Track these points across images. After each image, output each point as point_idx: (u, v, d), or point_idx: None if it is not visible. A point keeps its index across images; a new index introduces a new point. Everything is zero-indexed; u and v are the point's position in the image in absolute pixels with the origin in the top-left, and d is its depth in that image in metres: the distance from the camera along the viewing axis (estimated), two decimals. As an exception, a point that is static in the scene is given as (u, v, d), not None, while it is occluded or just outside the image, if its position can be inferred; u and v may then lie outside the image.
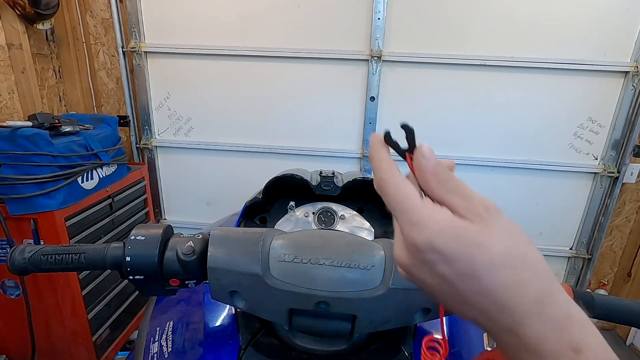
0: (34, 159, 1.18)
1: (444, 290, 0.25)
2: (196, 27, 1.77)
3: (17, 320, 1.37)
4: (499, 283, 0.23)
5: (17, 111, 1.57)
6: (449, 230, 0.24)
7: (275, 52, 1.74)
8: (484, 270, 0.23)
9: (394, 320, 0.44)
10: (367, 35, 1.69)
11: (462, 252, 0.24)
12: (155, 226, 0.47)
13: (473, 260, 0.23)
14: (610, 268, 2.02)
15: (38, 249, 0.46)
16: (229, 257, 0.43)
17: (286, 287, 0.42)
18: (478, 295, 0.24)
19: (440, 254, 0.24)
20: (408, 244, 0.25)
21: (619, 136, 1.69)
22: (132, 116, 1.94)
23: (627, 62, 1.60)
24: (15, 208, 1.20)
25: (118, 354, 1.61)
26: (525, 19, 1.60)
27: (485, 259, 0.23)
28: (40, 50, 1.71)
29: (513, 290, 0.23)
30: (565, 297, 0.24)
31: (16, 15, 1.49)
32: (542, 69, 1.65)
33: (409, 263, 0.26)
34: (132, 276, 0.45)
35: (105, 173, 1.46)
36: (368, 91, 1.75)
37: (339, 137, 1.86)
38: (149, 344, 0.60)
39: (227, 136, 1.92)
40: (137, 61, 1.83)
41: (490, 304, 0.24)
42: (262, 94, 1.83)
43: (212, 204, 2.06)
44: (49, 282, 1.32)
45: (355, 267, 0.42)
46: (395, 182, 0.28)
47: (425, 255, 0.25)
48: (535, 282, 0.24)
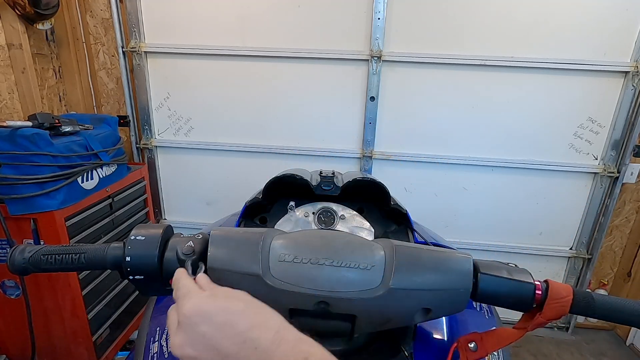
0: (34, 159, 1.18)
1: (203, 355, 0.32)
2: (196, 27, 1.77)
3: (17, 320, 1.37)
4: (249, 323, 0.32)
5: (17, 111, 1.57)
6: (206, 296, 0.34)
7: (275, 52, 1.74)
8: (237, 314, 0.32)
9: (394, 320, 0.44)
10: (367, 35, 1.69)
11: (218, 306, 0.33)
12: (155, 226, 0.47)
13: (227, 310, 0.33)
14: (610, 268, 2.02)
15: (38, 249, 0.46)
16: (229, 257, 0.43)
17: (286, 287, 0.42)
18: (234, 340, 0.31)
19: (201, 315, 0.33)
20: (179, 316, 0.34)
21: (619, 136, 1.69)
22: (132, 116, 1.94)
23: (627, 62, 1.60)
24: (15, 208, 1.20)
25: (118, 354, 1.61)
26: (525, 19, 1.60)
27: (232, 308, 0.33)
28: (40, 50, 1.71)
29: (259, 327, 0.32)
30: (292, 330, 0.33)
31: (16, 15, 1.49)
32: (542, 69, 1.65)
33: (180, 340, 0.33)
34: (132, 276, 0.45)
35: (105, 173, 1.46)
36: (368, 91, 1.75)
37: (339, 137, 1.86)
38: (149, 344, 0.60)
39: (227, 136, 1.92)
40: (137, 61, 1.83)
41: (245, 343, 0.31)
42: (262, 94, 1.83)
43: (212, 204, 2.06)
44: (49, 282, 1.32)
45: (355, 267, 0.42)
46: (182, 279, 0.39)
47: (190, 320, 0.33)
48: (273, 319, 0.33)
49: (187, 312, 0.33)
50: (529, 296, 0.43)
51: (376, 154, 1.84)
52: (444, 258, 0.44)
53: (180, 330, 0.33)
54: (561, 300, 0.42)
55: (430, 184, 1.87)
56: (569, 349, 1.93)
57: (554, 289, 0.42)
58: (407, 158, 1.84)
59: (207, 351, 0.32)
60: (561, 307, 0.42)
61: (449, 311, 0.46)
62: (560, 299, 0.42)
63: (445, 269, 0.44)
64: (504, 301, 0.44)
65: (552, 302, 0.42)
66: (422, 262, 0.44)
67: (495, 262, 0.46)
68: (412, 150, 1.83)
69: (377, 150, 1.84)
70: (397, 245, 0.44)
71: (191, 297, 0.34)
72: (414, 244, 0.50)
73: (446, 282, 0.43)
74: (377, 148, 1.85)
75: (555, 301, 0.42)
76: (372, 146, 1.84)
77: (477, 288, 0.44)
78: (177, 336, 0.33)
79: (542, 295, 0.43)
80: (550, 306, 0.42)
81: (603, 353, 1.91)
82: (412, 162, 1.84)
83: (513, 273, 0.44)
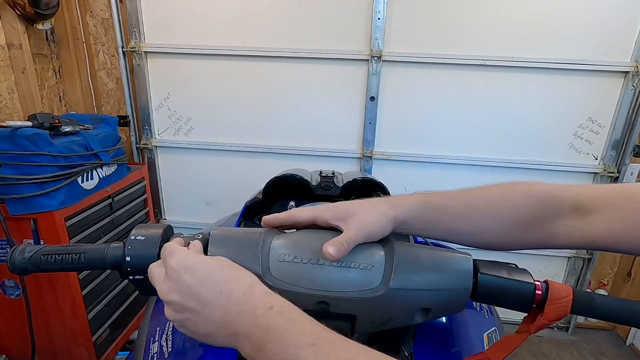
0: (34, 159, 1.18)
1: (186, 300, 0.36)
2: (196, 27, 1.77)
3: (17, 320, 1.37)
4: (226, 277, 0.37)
5: (17, 111, 1.57)
6: (190, 253, 0.40)
7: (275, 52, 1.74)
8: (215, 269, 0.37)
9: (394, 320, 0.44)
10: (367, 35, 1.69)
11: (200, 261, 0.38)
12: (155, 226, 0.47)
13: (207, 265, 0.38)
14: (610, 268, 2.02)
15: (38, 249, 0.46)
16: (229, 257, 0.43)
17: (286, 287, 0.42)
18: (212, 289, 0.36)
19: (185, 267, 0.37)
20: (167, 268, 0.38)
21: (619, 136, 1.69)
22: (132, 116, 1.94)
23: (627, 62, 1.60)
24: (15, 208, 1.20)
25: (118, 354, 1.61)
26: (525, 19, 1.60)
27: (212, 263, 0.38)
28: (40, 50, 1.71)
29: (234, 280, 0.37)
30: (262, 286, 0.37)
31: (16, 15, 1.49)
32: (542, 69, 1.65)
33: (167, 287, 0.38)
34: (132, 276, 0.45)
35: (105, 173, 1.46)
36: (368, 91, 1.75)
37: (339, 137, 1.86)
38: (149, 344, 0.60)
39: (227, 136, 1.92)
40: (137, 61, 1.83)
41: (221, 293, 0.36)
42: (262, 94, 1.83)
43: (212, 204, 2.06)
44: (49, 282, 1.32)
45: (355, 267, 0.42)
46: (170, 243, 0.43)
47: (176, 271, 0.37)
48: (247, 276, 0.38)
49: (173, 265, 0.38)
50: (528, 296, 0.43)
51: (376, 154, 1.84)
52: (443, 258, 0.44)
53: (167, 279, 0.38)
54: (561, 301, 0.42)
55: (430, 184, 1.86)
56: (569, 349, 1.93)
57: (554, 289, 0.42)
58: (407, 158, 1.84)
59: (189, 298, 0.36)
60: (562, 308, 0.42)
61: (449, 311, 0.46)
62: (560, 299, 0.42)
63: (445, 269, 0.44)
64: (503, 301, 0.44)
65: (553, 302, 0.42)
66: (422, 262, 0.44)
67: (495, 262, 0.46)
68: (412, 150, 1.83)
69: (377, 150, 1.84)
70: (397, 245, 0.45)
71: (177, 253, 0.39)
72: (413, 244, 0.50)
73: (446, 282, 0.43)
74: (377, 148, 1.85)
75: (555, 301, 0.42)
76: (372, 146, 1.84)
77: (477, 288, 0.44)
78: (164, 284, 0.38)
79: (542, 295, 0.43)
80: (551, 307, 0.42)
81: (603, 353, 1.91)
82: (412, 162, 1.84)
83: (513, 273, 0.44)
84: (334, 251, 0.40)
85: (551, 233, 0.46)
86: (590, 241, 0.45)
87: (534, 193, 0.47)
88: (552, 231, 0.46)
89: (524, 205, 0.46)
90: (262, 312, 0.34)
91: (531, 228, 0.46)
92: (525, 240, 0.47)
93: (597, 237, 0.44)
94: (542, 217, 0.46)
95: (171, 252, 0.40)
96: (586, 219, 0.45)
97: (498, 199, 0.47)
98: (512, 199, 0.47)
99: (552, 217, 0.46)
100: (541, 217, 0.46)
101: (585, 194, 0.45)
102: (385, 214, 0.45)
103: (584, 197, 0.45)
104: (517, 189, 0.48)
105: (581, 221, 0.45)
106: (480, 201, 0.47)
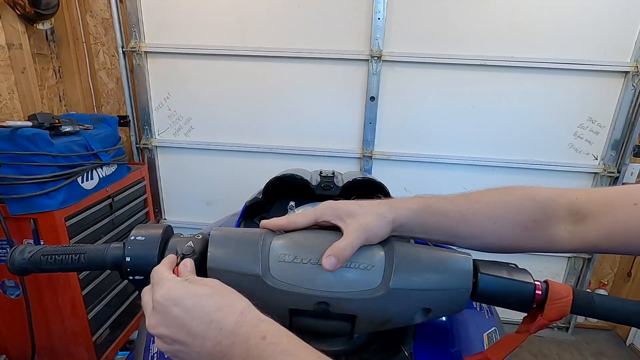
0: (34, 159, 1.18)
1: (176, 334, 0.35)
2: (196, 27, 1.77)
3: (17, 320, 1.37)
4: (215, 305, 0.35)
5: (17, 111, 1.57)
6: (178, 282, 0.37)
7: (275, 52, 1.74)
8: (204, 298, 0.36)
9: (394, 320, 0.44)
10: (367, 35, 1.69)
11: (187, 292, 0.36)
12: (155, 226, 0.47)
13: (195, 295, 0.36)
14: (610, 268, 2.02)
15: (38, 249, 0.46)
16: (229, 258, 0.43)
17: (286, 288, 0.42)
18: (202, 320, 0.35)
19: (172, 300, 0.36)
20: (153, 302, 0.37)
21: (619, 136, 1.69)
22: (132, 116, 1.94)
23: (627, 62, 1.60)
24: (15, 208, 1.20)
25: (118, 354, 1.61)
26: (525, 19, 1.60)
27: (200, 292, 0.36)
28: (40, 50, 1.71)
29: (223, 309, 0.35)
30: (254, 311, 0.36)
31: (16, 15, 1.49)
32: (542, 69, 1.65)
33: (155, 321, 0.37)
34: (132, 276, 0.45)
35: (105, 173, 1.46)
36: (368, 91, 1.75)
37: (339, 137, 1.86)
38: (149, 344, 0.60)
39: (227, 136, 1.92)
40: (137, 61, 1.83)
41: (212, 324, 0.34)
42: (262, 94, 1.83)
43: (212, 204, 2.06)
44: (49, 282, 1.32)
45: (355, 267, 0.42)
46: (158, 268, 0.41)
47: (162, 305, 0.36)
48: (237, 302, 0.36)
49: (159, 299, 0.37)
50: (528, 296, 0.43)
51: (376, 154, 1.84)
52: (443, 258, 0.44)
53: (154, 313, 0.37)
54: (561, 301, 0.42)
55: (430, 184, 1.86)
56: (569, 349, 1.93)
57: (554, 289, 0.42)
58: (407, 158, 1.84)
59: (178, 330, 0.35)
60: (562, 308, 0.42)
61: (449, 311, 0.46)
62: (560, 299, 0.42)
63: (445, 269, 0.44)
64: (503, 301, 0.44)
65: (553, 302, 0.42)
66: (422, 262, 0.44)
67: (495, 262, 0.46)
68: (412, 150, 1.83)
69: (377, 150, 1.84)
70: (397, 245, 0.45)
71: (163, 285, 0.37)
72: (413, 244, 0.50)
73: (446, 282, 0.43)
74: (377, 148, 1.85)
75: (555, 301, 0.42)
76: (372, 146, 1.84)
77: (477, 288, 0.44)
78: (152, 318, 0.37)
79: (542, 295, 0.43)
80: (550, 307, 0.42)
81: (603, 353, 1.91)
82: (412, 162, 1.84)
83: (513, 273, 0.44)
84: (335, 263, 0.41)
85: (551, 237, 0.46)
86: (591, 245, 0.45)
87: (533, 197, 0.47)
88: (552, 236, 0.46)
89: (525, 209, 0.46)
90: (255, 343, 0.33)
91: (532, 232, 0.46)
92: (526, 244, 0.47)
93: (596, 241, 0.44)
94: (542, 222, 0.46)
95: (157, 283, 0.38)
96: (584, 223, 0.45)
97: (499, 202, 0.47)
98: (513, 203, 0.47)
99: (550, 222, 0.46)
100: (541, 222, 0.46)
101: (581, 197, 0.46)
102: (385, 216, 0.45)
103: (580, 201, 0.45)
104: (516, 193, 0.48)
105: (580, 225, 0.45)
106: (481, 205, 0.47)
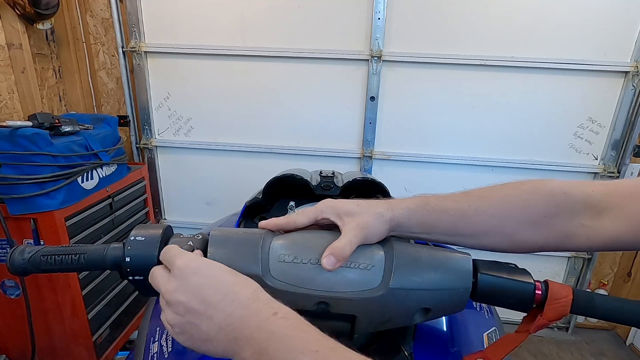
0: (34, 159, 1.18)
1: (191, 301, 0.36)
2: (196, 27, 1.77)
3: (17, 320, 1.37)
4: (232, 280, 0.37)
5: (17, 111, 1.57)
6: (196, 255, 0.40)
7: (275, 52, 1.74)
8: (221, 272, 0.38)
9: (394, 320, 0.44)
10: (367, 35, 1.69)
11: (207, 263, 0.39)
12: (155, 226, 0.47)
13: (214, 267, 0.38)
14: (610, 268, 2.02)
15: (38, 250, 0.46)
16: (229, 258, 0.43)
17: (286, 288, 0.42)
18: (218, 291, 0.36)
19: (193, 268, 0.38)
20: (173, 269, 0.38)
21: (619, 136, 1.69)
22: (132, 116, 1.94)
23: (627, 62, 1.60)
24: (15, 208, 1.20)
25: (118, 354, 1.61)
26: (526, 18, 1.60)
27: (219, 266, 0.39)
28: (40, 50, 1.71)
29: (239, 284, 0.37)
30: (265, 293, 0.37)
31: (16, 15, 1.49)
32: (542, 69, 1.65)
33: (173, 287, 0.37)
34: (131, 276, 0.45)
35: (105, 173, 1.46)
36: (368, 91, 1.75)
37: (339, 137, 1.86)
38: (149, 344, 0.60)
39: (227, 136, 1.92)
40: (137, 61, 1.83)
41: (227, 295, 0.36)
42: (262, 93, 1.83)
43: (212, 204, 2.06)
44: (49, 282, 1.32)
45: (355, 267, 0.42)
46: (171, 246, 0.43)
47: (184, 272, 0.37)
48: (252, 282, 0.38)
49: (181, 265, 0.38)
50: (528, 296, 0.43)
51: (376, 154, 1.84)
52: (443, 258, 0.44)
53: (172, 279, 0.38)
54: (561, 301, 0.42)
55: (430, 184, 1.86)
56: (569, 349, 1.93)
57: (554, 289, 0.42)
58: (407, 158, 1.84)
59: (194, 298, 0.36)
60: (562, 308, 0.41)
61: (448, 311, 0.46)
62: (560, 299, 0.42)
63: (445, 268, 0.44)
64: (503, 301, 0.44)
65: (552, 302, 0.42)
66: (422, 262, 0.44)
67: (495, 262, 0.46)
68: (412, 150, 1.83)
69: (377, 150, 1.84)
70: (397, 245, 0.44)
71: (183, 255, 0.39)
72: (413, 243, 0.50)
73: (446, 282, 0.43)
74: (377, 148, 1.85)
75: (555, 301, 0.42)
76: (372, 146, 1.84)
77: (477, 288, 0.44)
78: (169, 284, 0.38)
79: (541, 295, 0.43)
80: (550, 307, 0.42)
81: (603, 353, 1.91)
82: (412, 162, 1.84)
83: (513, 273, 0.44)
84: (334, 262, 0.41)
85: (565, 234, 0.43)
86: (611, 242, 0.42)
87: (543, 190, 0.44)
88: (566, 232, 0.43)
89: (533, 204, 0.43)
90: (266, 317, 0.34)
91: (541, 228, 0.44)
92: (536, 241, 0.45)
93: (616, 236, 0.41)
94: (553, 217, 0.43)
95: (177, 254, 0.40)
96: (602, 217, 0.42)
97: (503, 198, 0.45)
98: (520, 197, 0.44)
99: (564, 217, 0.43)
100: (552, 217, 0.43)
101: (598, 190, 0.42)
102: (382, 215, 0.44)
103: (597, 193, 0.42)
104: (524, 187, 0.45)
105: (598, 220, 0.42)
106: (483, 201, 0.45)
